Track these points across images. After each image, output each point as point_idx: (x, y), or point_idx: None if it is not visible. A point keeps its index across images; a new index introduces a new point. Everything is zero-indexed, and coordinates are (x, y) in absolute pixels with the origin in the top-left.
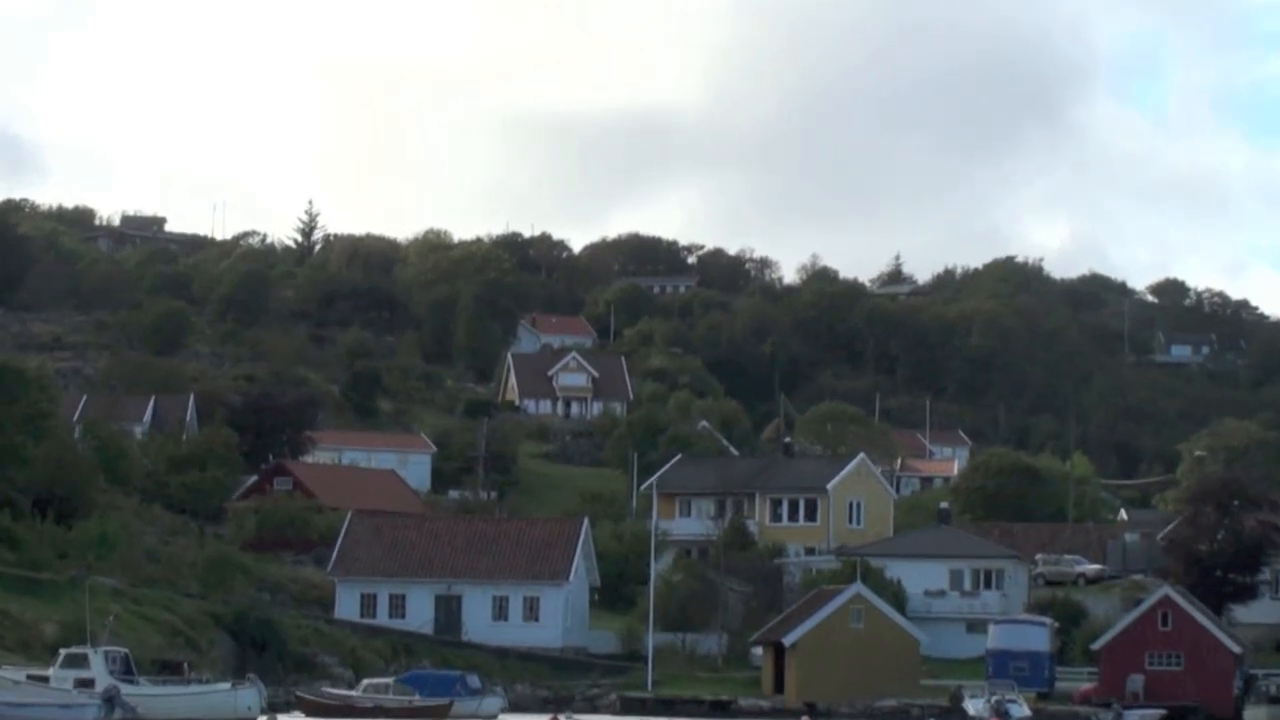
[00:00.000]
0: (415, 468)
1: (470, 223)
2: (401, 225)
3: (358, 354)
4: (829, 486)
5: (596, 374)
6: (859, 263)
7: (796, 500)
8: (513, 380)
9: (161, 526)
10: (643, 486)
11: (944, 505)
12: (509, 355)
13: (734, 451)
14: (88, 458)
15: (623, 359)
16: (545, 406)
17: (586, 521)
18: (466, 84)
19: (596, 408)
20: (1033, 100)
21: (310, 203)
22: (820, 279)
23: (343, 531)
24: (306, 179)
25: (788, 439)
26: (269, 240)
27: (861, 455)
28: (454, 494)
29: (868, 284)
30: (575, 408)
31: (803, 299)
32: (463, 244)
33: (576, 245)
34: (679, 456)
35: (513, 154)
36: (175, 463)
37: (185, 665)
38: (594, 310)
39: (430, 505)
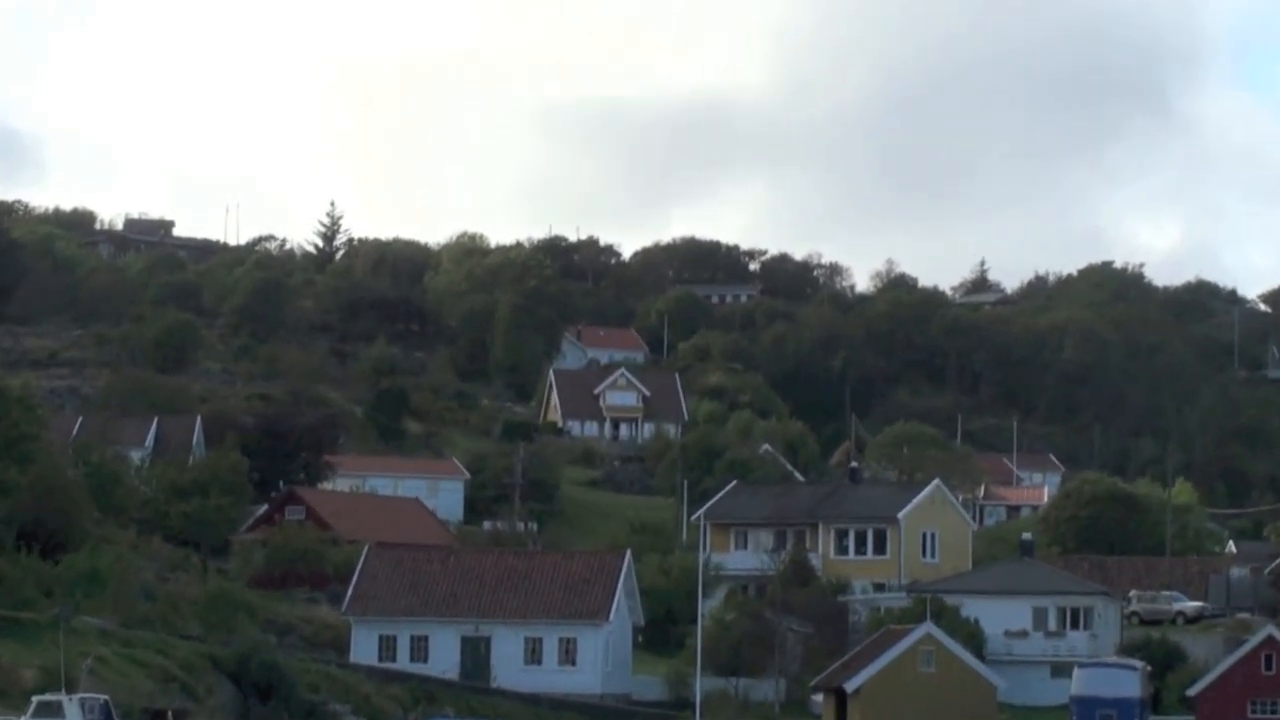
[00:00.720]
0: (446, 496)
1: (509, 226)
2: (433, 229)
3: (384, 371)
4: (900, 516)
5: (647, 392)
6: (939, 269)
7: (864, 531)
8: (555, 399)
9: (161, 561)
10: (693, 516)
11: (1027, 536)
12: (551, 372)
13: (799, 477)
14: (78, 485)
15: (676, 376)
16: (591, 428)
17: (629, 555)
18: (503, 73)
19: (647, 430)
20: (1137, 87)
21: (332, 204)
22: (896, 287)
23: (359, 566)
24: (328, 178)
25: (854, 463)
26: (287, 246)
27: (936, 481)
28: (489, 525)
29: (949, 292)
30: (624, 430)
31: (876, 309)
32: (500, 249)
33: (626, 250)
34: (733, 483)
35: (556, 150)
36: (177, 490)
37: (170, 714)
38: (645, 322)
39: (462, 537)
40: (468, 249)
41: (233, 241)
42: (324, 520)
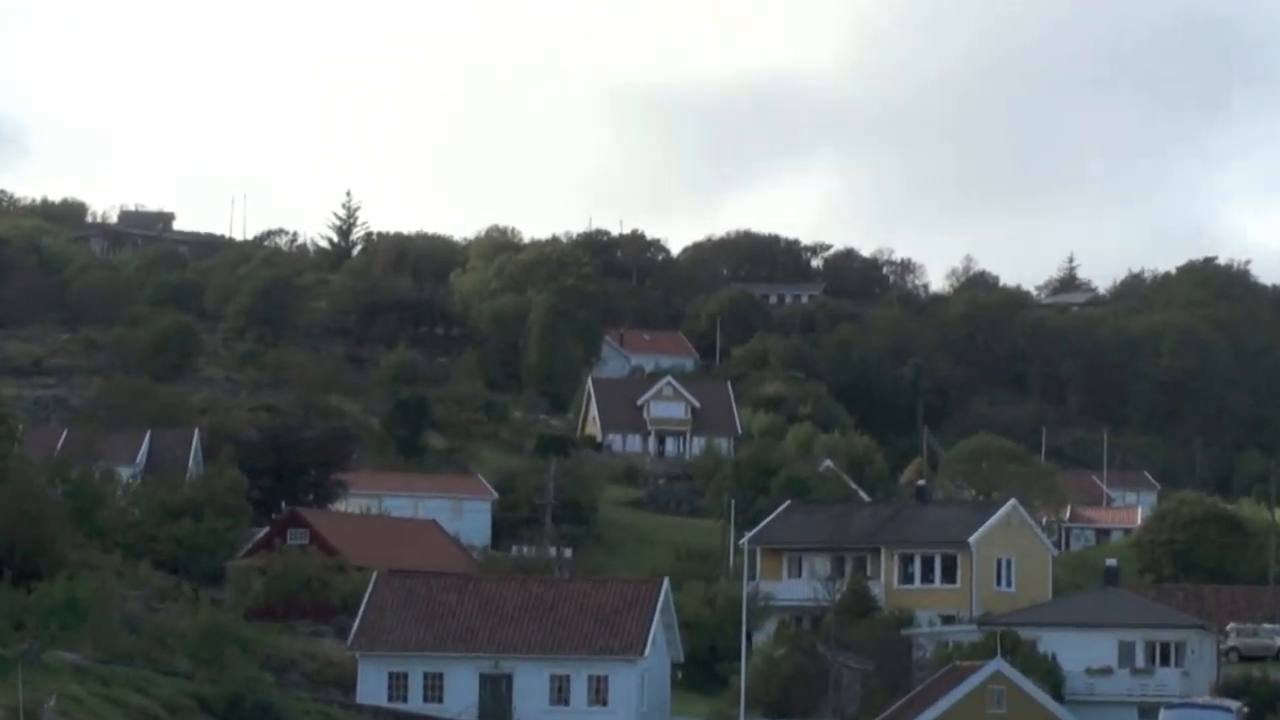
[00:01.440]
0: (472, 518)
1: (544, 218)
2: (459, 222)
3: (404, 379)
4: (972, 540)
5: (697, 403)
6: (1022, 266)
7: (931, 557)
8: (594, 411)
9: (148, 589)
10: (741, 540)
11: (1111, 562)
12: (589, 381)
13: (864, 498)
14: (56, 505)
15: (729, 385)
16: (633, 443)
17: (667, 583)
18: (537, 53)
19: (696, 445)
20: (1242, 67)
21: (349, 195)
22: (974, 286)
23: (366, 595)
24: (345, 166)
25: (921, 482)
26: (298, 241)
27: (1012, 501)
28: (519, 551)
29: (1033, 292)
30: (671, 444)
31: (953, 310)
32: (535, 244)
33: (675, 245)
34: (787, 504)
35: (597, 135)
36: (169, 511)
37: None
38: (695, 325)
39: (488, 564)
40: (498, 244)
41: (238, 236)
42: (330, 545)
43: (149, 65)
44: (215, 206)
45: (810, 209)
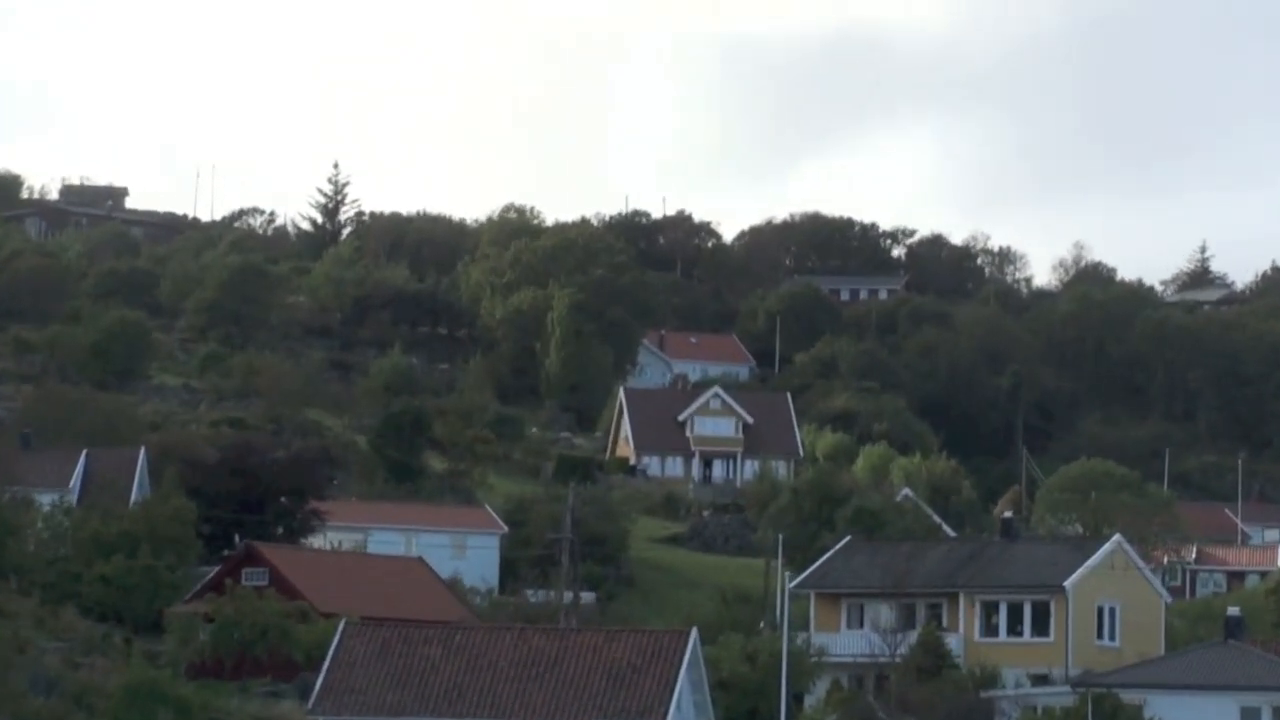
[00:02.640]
0: (478, 556)
1: (570, 197)
2: (468, 201)
3: (398, 389)
4: (1068, 584)
5: (750, 419)
6: (1146, 257)
7: (1019, 604)
8: (627, 429)
9: (73, 640)
10: (792, 584)
11: (1234, 611)
12: (622, 392)
13: (949, 532)
14: None
15: (789, 397)
16: (675, 466)
17: (695, 635)
18: None
19: (750, 469)
20: None
21: (336, 168)
22: (1087, 279)
23: (332, 648)
24: (332, 134)
25: (1007, 514)
26: (276, 222)
27: (1117, 539)
28: (534, 595)
29: (1158, 288)
30: (719, 469)
31: (1061, 309)
32: (559, 228)
33: (728, 230)
34: (846, 540)
35: (636, 98)
36: (100, 546)
37: None
38: (751, 325)
39: (494, 611)
40: (515, 227)
41: (204, 216)
42: (292, 586)
43: (95, 11)
44: (176, 180)
45: (893, 187)
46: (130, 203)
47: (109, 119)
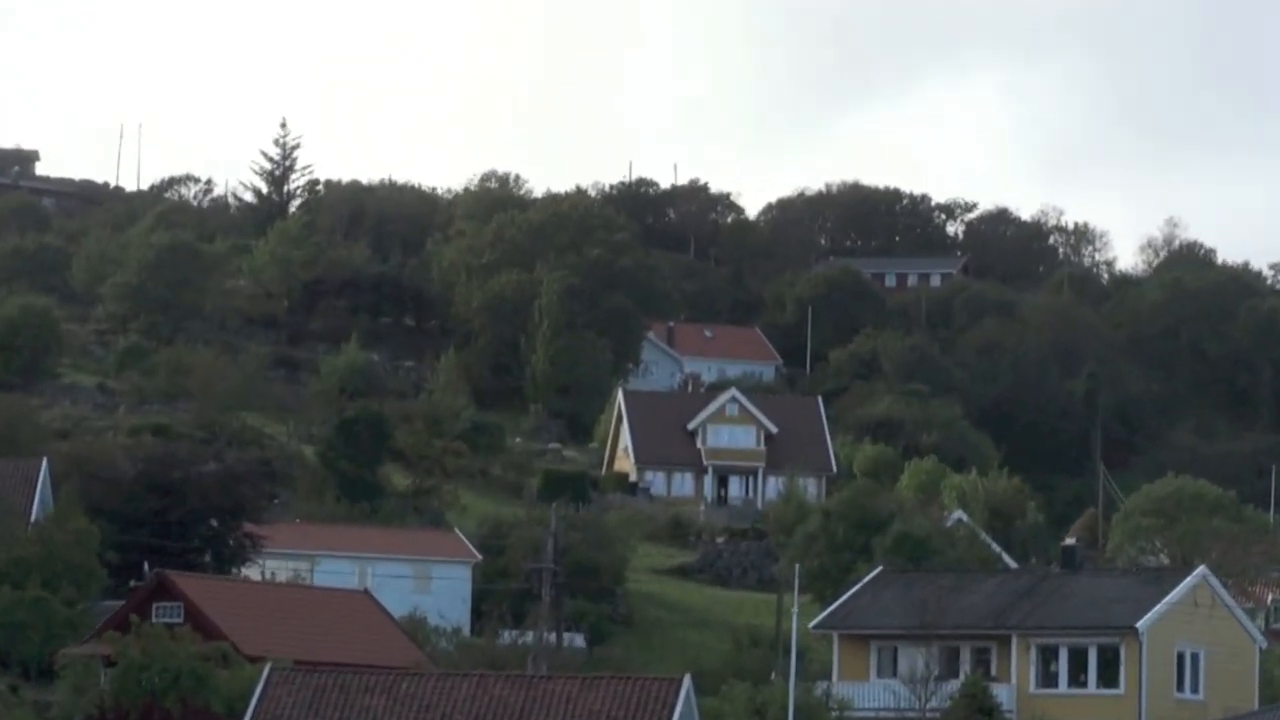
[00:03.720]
0: (446, 589)
1: (562, 163)
2: (441, 167)
3: (355, 390)
4: (1142, 625)
5: (774, 427)
6: (1251, 235)
7: (1083, 649)
8: (627, 438)
9: None
10: (812, 624)
11: None
12: (621, 394)
13: (1009, 563)
14: None
15: (820, 402)
16: (684, 484)
17: (688, 682)
18: None
19: (773, 487)
20: None
21: (284, 128)
22: (1180, 263)
23: (254, 698)
24: (278, 90)
25: (1070, 540)
26: (212, 193)
27: (1201, 571)
28: (510, 636)
29: (1266, 273)
30: (736, 486)
31: (1149, 297)
32: (548, 199)
33: (751, 203)
34: (877, 571)
35: (638, 43)
36: None
37: None
38: (777, 316)
39: (460, 655)
40: (495, 199)
41: (128, 185)
42: (212, 624)
43: None
44: (97, 143)
45: (949, 150)
46: (41, 169)
47: (14, 70)
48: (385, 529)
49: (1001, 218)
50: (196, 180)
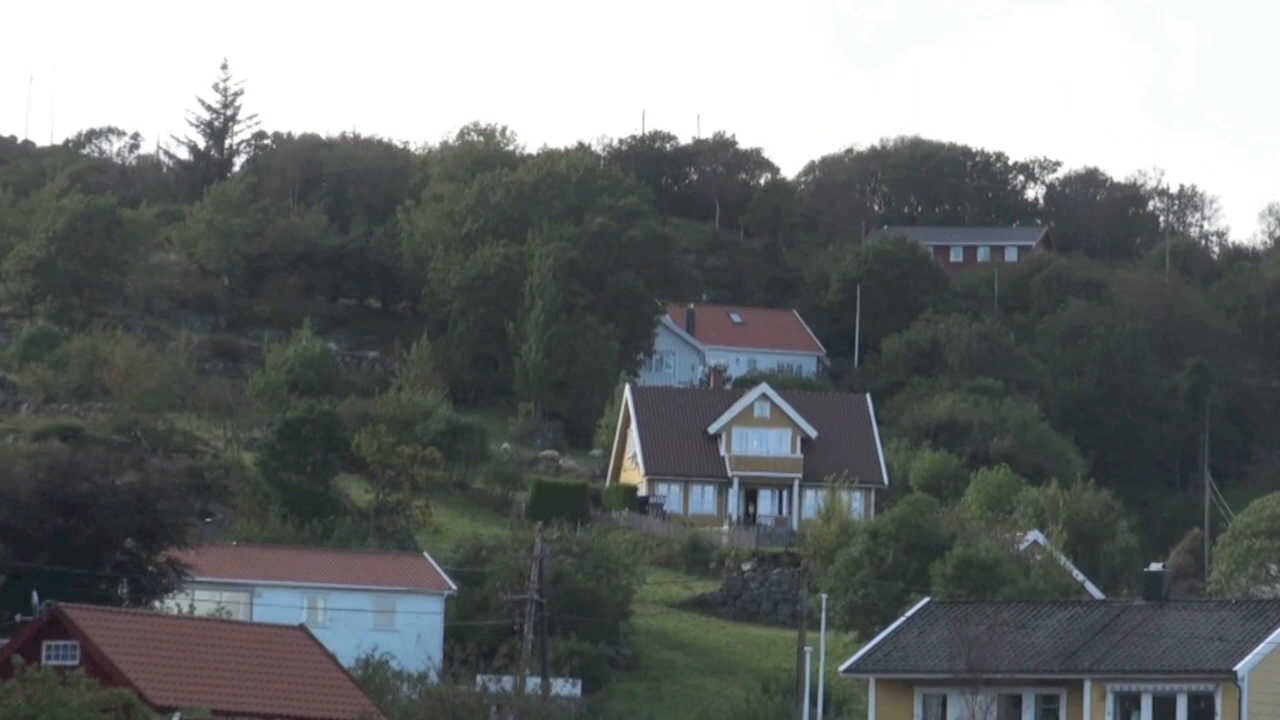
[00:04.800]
0: (413, 625)
1: (558, 114)
2: (413, 118)
3: (307, 386)
4: (1241, 669)
5: (812, 431)
6: None
7: (1170, 697)
8: (636, 443)
9: None
10: (843, 667)
11: None
12: (629, 392)
13: (1095, 592)
14: None
15: (869, 401)
16: (704, 499)
17: None
18: None
19: (812, 502)
20: None
21: (225, 70)
22: None
23: None
24: (219, 27)
25: (1159, 566)
26: (139, 149)
27: None
28: (487, 684)
29: None
30: (766, 502)
31: (1267, 276)
32: (544, 157)
33: (788, 162)
34: (923, 604)
35: None
36: None
37: None
38: (819, 298)
39: (426, 704)
40: (479, 156)
41: (39, 140)
42: (113, 667)
43: None
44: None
45: (1028, 99)
46: None
47: None
48: (341, 553)
49: (1091, 179)
50: (120, 134)
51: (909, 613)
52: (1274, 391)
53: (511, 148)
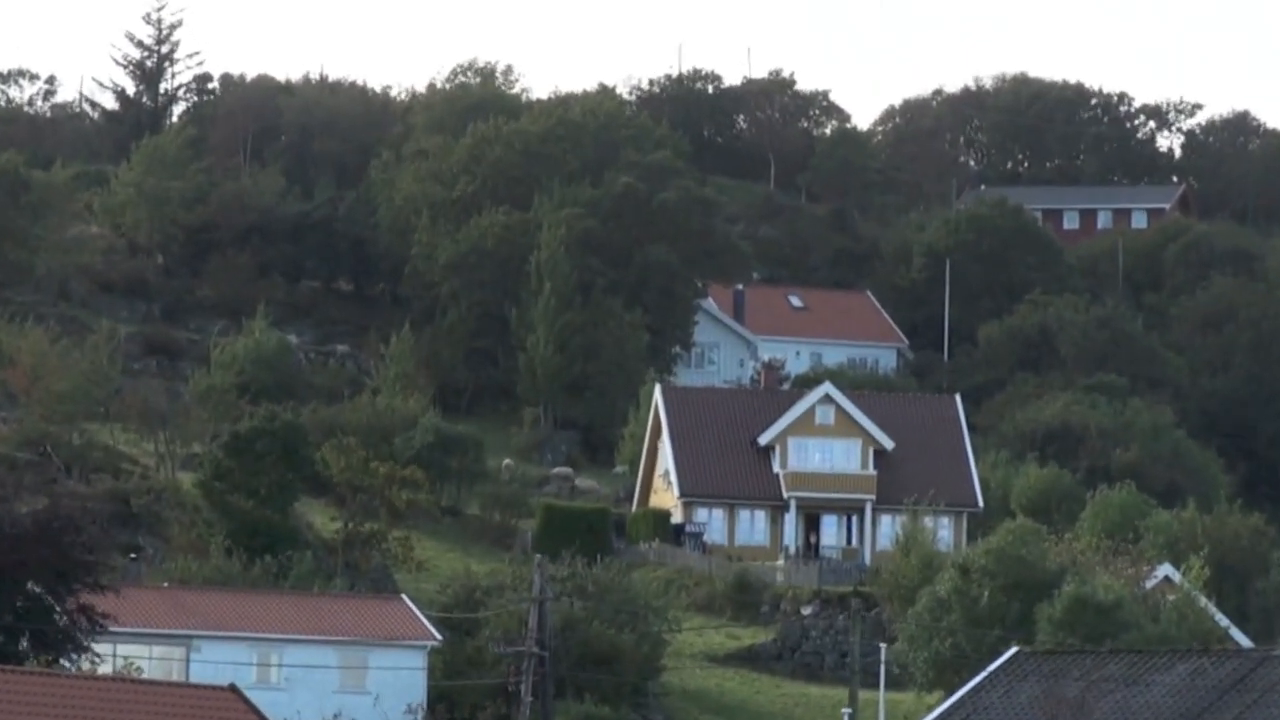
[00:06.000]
0: (390, 684)
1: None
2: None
3: (261, 388)
4: None
5: (890, 442)
6: None
7: None
8: (669, 457)
9: None
10: None
11: None
12: (659, 393)
13: (1242, 640)
14: None
15: (959, 403)
16: (752, 526)
17: None
18: None
19: (887, 530)
20: None
21: None
22: None
23: None
24: None
25: None
26: (55, 97)
27: None
28: None
29: None
30: (830, 530)
31: None
32: (555, 102)
33: (862, 109)
34: (1012, 654)
35: None
36: None
37: None
38: (899, 276)
39: None
40: (474, 101)
41: None
42: None
43: None
44: None
45: (1161, 30)
46: None
47: None
48: (301, 596)
49: (1240, 126)
50: (33, 77)
51: (992, 665)
52: None
53: (515, 91)
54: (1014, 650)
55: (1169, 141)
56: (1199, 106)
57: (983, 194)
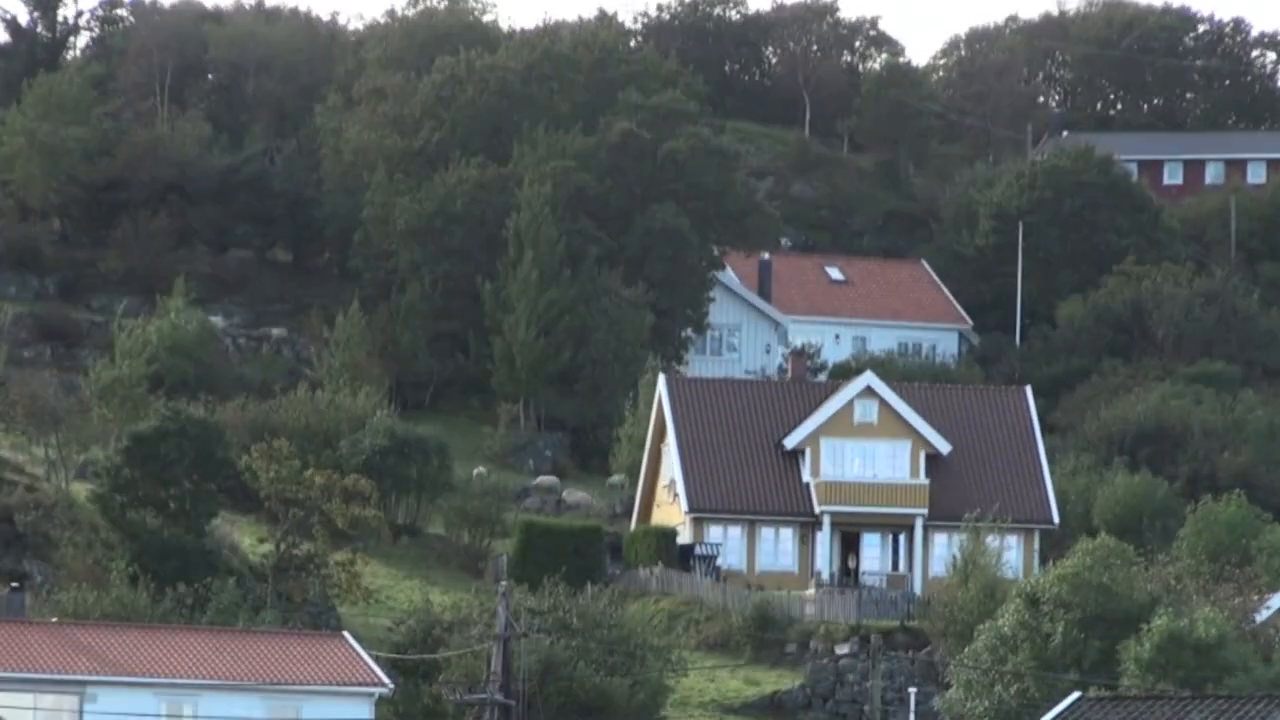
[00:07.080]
0: None
1: None
2: None
3: (177, 380)
4: None
5: (946, 444)
6: None
7: None
8: (675, 464)
9: None
10: None
11: None
12: (663, 385)
13: None
14: None
15: (1029, 396)
16: (777, 548)
17: None
18: None
19: (942, 552)
20: None
21: None
22: None
23: None
24: None
25: None
26: None
27: None
28: None
29: None
30: (873, 554)
31: None
32: (538, 33)
33: (917, 42)
34: (1074, 699)
35: None
36: None
37: None
38: (962, 242)
39: None
40: (438, 32)
41: None
42: None
43: None
44: None
45: None
46: None
47: None
48: (221, 633)
49: None
50: None
51: (1053, 712)
52: None
53: (490, 18)
54: (1075, 696)
55: None
56: None
57: (1065, 142)
